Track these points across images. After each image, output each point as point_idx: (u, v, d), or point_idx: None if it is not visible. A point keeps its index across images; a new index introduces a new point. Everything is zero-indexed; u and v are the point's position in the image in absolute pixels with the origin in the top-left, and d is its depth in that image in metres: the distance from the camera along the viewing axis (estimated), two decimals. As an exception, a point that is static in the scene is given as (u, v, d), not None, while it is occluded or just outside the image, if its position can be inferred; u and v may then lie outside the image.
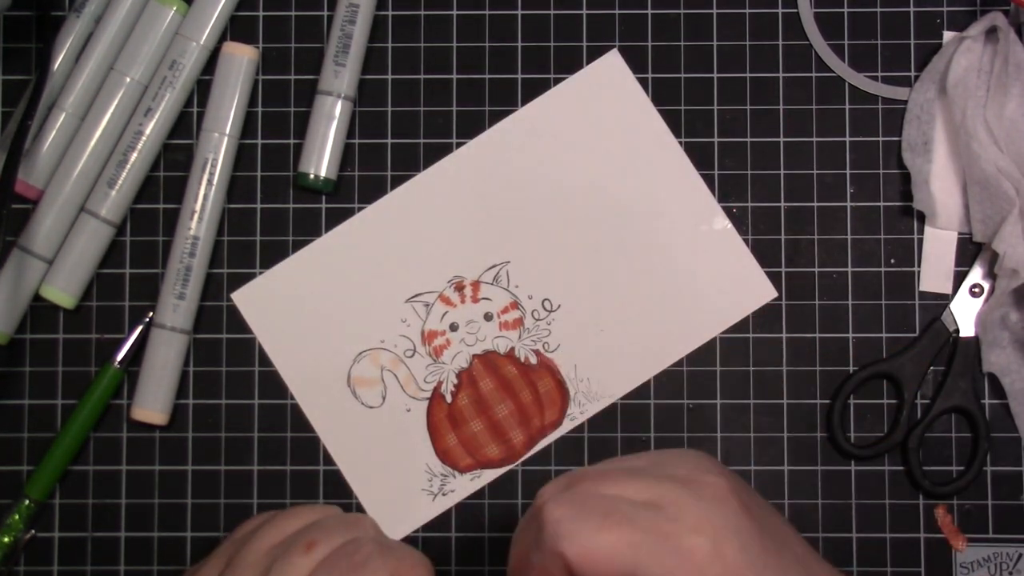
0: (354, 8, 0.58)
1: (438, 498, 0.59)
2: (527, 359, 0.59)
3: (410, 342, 0.59)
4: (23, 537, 0.59)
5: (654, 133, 0.59)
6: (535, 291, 0.59)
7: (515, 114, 0.60)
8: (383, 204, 0.60)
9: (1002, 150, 0.56)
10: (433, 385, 0.59)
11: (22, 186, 0.58)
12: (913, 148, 0.58)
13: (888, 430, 0.58)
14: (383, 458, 0.59)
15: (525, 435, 0.59)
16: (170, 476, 0.59)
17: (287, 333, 0.59)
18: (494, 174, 0.59)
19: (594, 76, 0.60)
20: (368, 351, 0.59)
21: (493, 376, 0.59)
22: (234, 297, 0.59)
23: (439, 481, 0.59)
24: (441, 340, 0.59)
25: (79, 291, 0.59)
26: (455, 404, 0.59)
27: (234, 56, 0.59)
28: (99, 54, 0.59)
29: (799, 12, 0.60)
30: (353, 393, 0.59)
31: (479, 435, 0.59)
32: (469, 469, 0.59)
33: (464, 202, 0.59)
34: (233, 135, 0.59)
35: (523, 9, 0.60)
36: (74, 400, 0.59)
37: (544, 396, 0.59)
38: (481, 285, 0.59)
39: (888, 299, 0.59)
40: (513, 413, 0.59)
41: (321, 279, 0.59)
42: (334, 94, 0.58)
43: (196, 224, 0.58)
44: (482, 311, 0.59)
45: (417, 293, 0.59)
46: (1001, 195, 0.56)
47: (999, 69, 0.56)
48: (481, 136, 0.60)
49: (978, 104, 0.57)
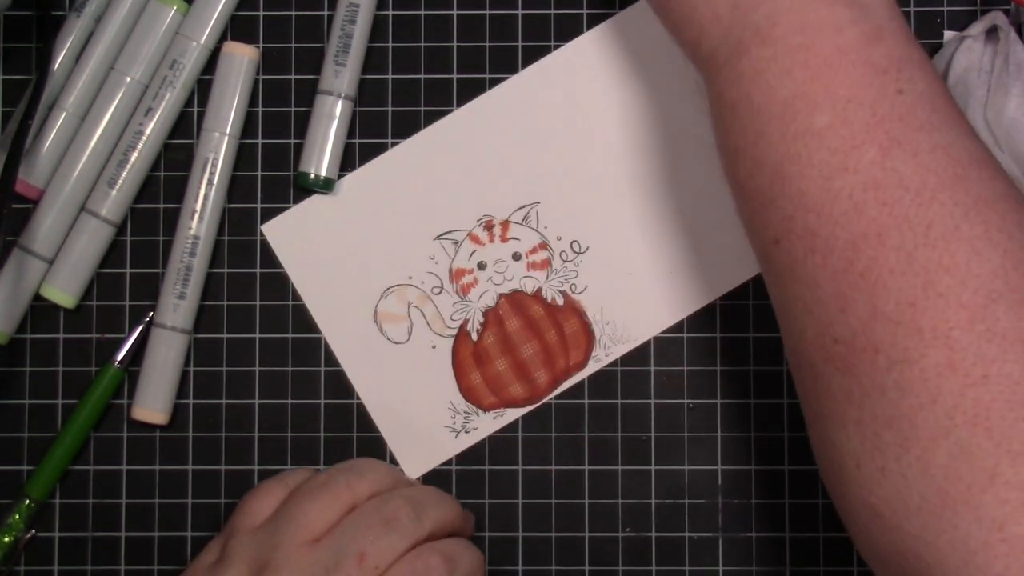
0: (354, 8, 0.58)
1: (460, 435, 0.59)
2: (554, 300, 0.59)
3: (438, 279, 0.59)
4: (23, 537, 0.59)
5: (688, 75, 0.59)
6: (564, 232, 0.59)
7: (549, 55, 0.60)
8: (415, 141, 0.60)
9: (1002, 150, 0.56)
10: (459, 323, 0.59)
11: (22, 186, 0.58)
12: None
13: None
14: (407, 394, 0.59)
15: (549, 375, 0.59)
16: (171, 476, 0.59)
17: (316, 266, 0.59)
18: (526, 114, 0.59)
19: (630, 19, 0.59)
20: (395, 287, 0.59)
21: (519, 316, 0.59)
22: (264, 229, 0.60)
23: (462, 418, 0.59)
24: (469, 278, 0.59)
25: (79, 291, 0.59)
26: (480, 343, 0.59)
27: (234, 56, 0.59)
28: (99, 54, 0.59)
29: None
30: (379, 328, 0.59)
31: (503, 374, 0.59)
32: (492, 408, 0.59)
33: (495, 142, 0.59)
34: (233, 135, 0.59)
35: (523, 9, 0.60)
36: (74, 400, 0.59)
37: (570, 337, 0.59)
38: (510, 225, 0.59)
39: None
40: (538, 353, 0.59)
41: (351, 213, 0.59)
42: (334, 94, 0.58)
43: (196, 224, 0.58)
44: (510, 251, 0.59)
45: (446, 231, 0.59)
46: None
47: (999, 69, 0.57)
48: (514, 77, 0.60)
49: (978, 103, 0.57)
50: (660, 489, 0.59)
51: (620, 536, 0.59)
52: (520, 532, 0.59)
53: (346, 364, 0.59)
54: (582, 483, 0.59)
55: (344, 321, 0.59)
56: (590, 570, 0.59)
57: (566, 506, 0.59)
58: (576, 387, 0.59)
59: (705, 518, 0.59)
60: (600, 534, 0.59)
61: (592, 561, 0.59)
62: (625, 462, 0.59)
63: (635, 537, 0.59)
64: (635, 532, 0.59)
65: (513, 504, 0.59)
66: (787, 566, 0.59)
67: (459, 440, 0.59)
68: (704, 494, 0.59)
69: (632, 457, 0.59)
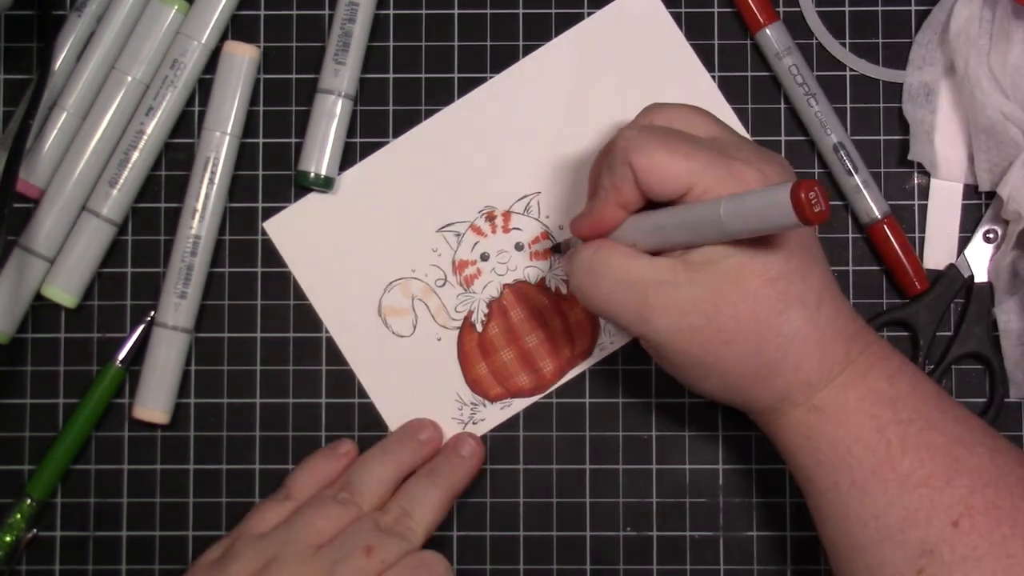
0: (354, 7, 0.58)
1: (468, 427, 0.59)
2: (557, 289, 0.59)
3: (441, 272, 0.59)
4: (25, 536, 0.59)
5: (686, 66, 0.59)
6: (566, 221, 0.59)
7: (548, 45, 0.60)
8: (415, 134, 0.60)
9: (1008, 96, 0.56)
10: (464, 314, 0.59)
11: (23, 185, 0.58)
12: (914, 99, 0.58)
13: None
14: (414, 387, 0.59)
15: (555, 364, 0.59)
16: (172, 475, 0.59)
17: (318, 262, 0.60)
18: (526, 105, 0.60)
19: (627, 8, 0.59)
20: (399, 280, 0.59)
21: (524, 305, 0.59)
22: (266, 226, 0.60)
23: (469, 410, 0.59)
24: (472, 270, 0.59)
25: (80, 290, 0.59)
26: (486, 333, 0.59)
27: (235, 55, 0.59)
28: (100, 53, 0.59)
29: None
30: (384, 322, 0.59)
31: (509, 364, 0.59)
32: (499, 398, 0.59)
33: (495, 133, 0.60)
34: (234, 134, 0.59)
35: (524, 8, 0.60)
36: (76, 399, 0.59)
37: (575, 326, 0.59)
38: (512, 215, 0.59)
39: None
40: (543, 342, 0.59)
41: (353, 208, 0.60)
42: (334, 92, 0.58)
43: (197, 223, 0.58)
44: (513, 241, 0.59)
45: (448, 223, 0.59)
46: (1008, 141, 0.56)
47: (1001, 16, 0.56)
48: (513, 67, 0.60)
49: (981, 52, 0.56)
50: (661, 488, 0.59)
51: (621, 535, 0.59)
52: (522, 531, 0.59)
53: (352, 358, 0.59)
54: (583, 482, 0.59)
55: (348, 316, 0.59)
56: (591, 569, 0.59)
57: (567, 505, 0.59)
58: (578, 386, 0.59)
59: (706, 517, 0.59)
60: (601, 533, 0.59)
61: (593, 560, 0.59)
62: (626, 461, 0.59)
63: (636, 536, 0.59)
64: (636, 531, 0.59)
65: (515, 503, 0.59)
66: (788, 565, 0.58)
67: (467, 431, 0.59)
68: (705, 493, 0.59)
69: (633, 456, 0.59)
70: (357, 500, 0.55)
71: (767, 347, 0.47)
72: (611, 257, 0.49)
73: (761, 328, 0.47)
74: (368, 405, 0.59)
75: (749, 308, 0.47)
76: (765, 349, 0.47)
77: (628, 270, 0.49)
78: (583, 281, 0.50)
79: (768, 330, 0.47)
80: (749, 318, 0.47)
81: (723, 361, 0.48)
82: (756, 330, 0.47)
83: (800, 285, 0.47)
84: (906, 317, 0.58)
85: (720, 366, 0.48)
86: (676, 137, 0.48)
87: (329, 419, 0.59)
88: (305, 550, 0.52)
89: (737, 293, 0.47)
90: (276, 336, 0.59)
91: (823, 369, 0.48)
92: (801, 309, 0.47)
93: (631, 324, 0.49)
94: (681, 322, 0.47)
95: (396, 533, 0.53)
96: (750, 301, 0.47)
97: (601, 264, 0.49)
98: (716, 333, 0.47)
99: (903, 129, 0.59)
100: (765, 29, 0.58)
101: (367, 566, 0.51)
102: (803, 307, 0.47)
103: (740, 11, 0.59)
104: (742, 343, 0.47)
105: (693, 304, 0.47)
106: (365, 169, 0.60)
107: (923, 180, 0.59)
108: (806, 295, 0.47)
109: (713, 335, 0.47)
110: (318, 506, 0.54)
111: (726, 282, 0.47)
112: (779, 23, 0.58)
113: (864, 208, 0.58)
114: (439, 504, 0.55)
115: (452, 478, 0.56)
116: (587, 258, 0.50)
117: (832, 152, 0.58)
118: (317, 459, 0.57)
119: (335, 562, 0.52)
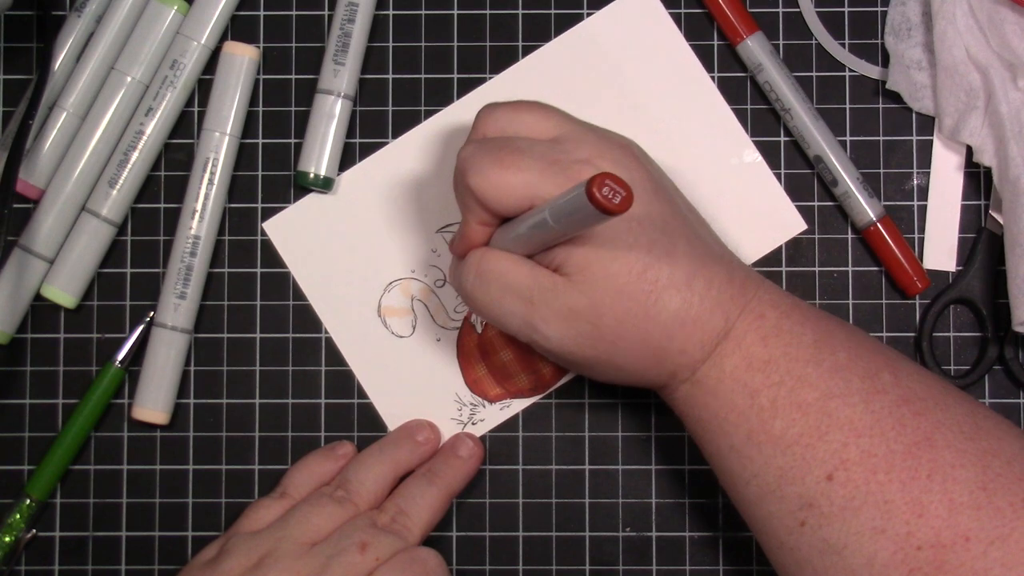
0: (353, 7, 0.58)
1: (467, 427, 0.59)
2: None
3: (440, 272, 0.59)
4: (24, 536, 0.59)
5: (686, 67, 0.59)
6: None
7: (545, 46, 0.60)
8: (415, 134, 0.60)
9: (988, 37, 0.55)
10: (463, 315, 0.59)
11: (23, 185, 0.59)
12: (896, 32, 0.58)
13: (980, 351, 0.58)
14: (413, 387, 0.59)
15: (554, 365, 0.59)
16: (171, 475, 0.59)
17: (318, 262, 0.60)
18: None
19: (626, 9, 0.60)
20: (398, 281, 0.59)
21: None
22: (266, 226, 0.60)
23: (468, 410, 0.59)
24: None
25: (80, 291, 0.59)
26: (485, 334, 0.59)
27: (235, 56, 0.59)
28: (100, 54, 0.59)
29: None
30: (383, 323, 0.59)
31: (509, 365, 0.59)
32: (499, 399, 0.59)
33: None
34: (234, 134, 0.59)
35: (524, 9, 0.60)
36: (75, 400, 0.59)
37: None
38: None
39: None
40: None
41: (352, 208, 0.60)
42: (334, 93, 0.59)
43: (197, 223, 0.58)
44: None
45: (448, 223, 0.59)
46: (964, 86, 0.55)
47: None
48: (510, 69, 0.60)
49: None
50: (660, 489, 0.59)
51: (621, 535, 0.59)
52: (521, 532, 0.59)
53: (351, 359, 0.59)
54: (583, 482, 0.59)
55: (348, 316, 0.59)
56: (591, 569, 0.59)
57: (567, 505, 0.59)
58: (577, 387, 0.59)
59: (706, 518, 0.59)
60: (601, 533, 0.59)
61: (593, 560, 0.59)
62: (625, 462, 0.59)
63: (636, 536, 0.59)
64: (636, 531, 0.59)
65: (514, 503, 0.59)
66: (788, 565, 0.58)
67: (466, 432, 0.59)
68: (704, 494, 0.59)
69: (632, 457, 0.59)
70: (353, 498, 0.55)
71: (652, 338, 0.48)
72: (497, 263, 0.49)
73: (641, 322, 0.48)
74: (367, 405, 0.59)
75: (625, 307, 0.48)
76: (651, 340, 0.48)
77: (513, 276, 0.49)
78: (473, 286, 0.50)
79: (648, 322, 0.48)
80: (629, 316, 0.48)
81: (616, 358, 0.49)
82: (638, 325, 0.48)
83: (668, 269, 0.48)
84: (962, 295, 0.58)
85: (615, 362, 0.49)
86: (507, 150, 0.48)
87: (328, 419, 0.59)
88: (299, 546, 0.52)
89: (612, 295, 0.48)
90: (275, 336, 0.59)
91: (704, 345, 0.49)
92: (673, 293, 0.48)
93: (520, 330, 0.50)
94: (568, 330, 0.48)
95: (392, 531, 0.53)
96: (625, 300, 0.48)
97: (487, 270, 0.50)
98: (603, 335, 0.48)
99: (903, 130, 0.59)
100: (736, 48, 0.59)
101: (361, 562, 0.51)
102: (675, 290, 0.48)
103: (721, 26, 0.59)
104: (629, 339, 0.48)
105: (576, 312, 0.48)
106: (365, 169, 0.60)
107: (922, 180, 0.59)
108: (675, 276, 0.48)
109: (601, 338, 0.48)
110: (314, 503, 0.54)
111: (600, 286, 0.48)
112: (752, 38, 0.58)
113: (857, 213, 0.58)
114: (436, 504, 0.55)
115: (450, 478, 0.56)
116: (475, 263, 0.50)
117: (816, 163, 0.58)
118: (314, 458, 0.58)
119: (329, 557, 0.52)
